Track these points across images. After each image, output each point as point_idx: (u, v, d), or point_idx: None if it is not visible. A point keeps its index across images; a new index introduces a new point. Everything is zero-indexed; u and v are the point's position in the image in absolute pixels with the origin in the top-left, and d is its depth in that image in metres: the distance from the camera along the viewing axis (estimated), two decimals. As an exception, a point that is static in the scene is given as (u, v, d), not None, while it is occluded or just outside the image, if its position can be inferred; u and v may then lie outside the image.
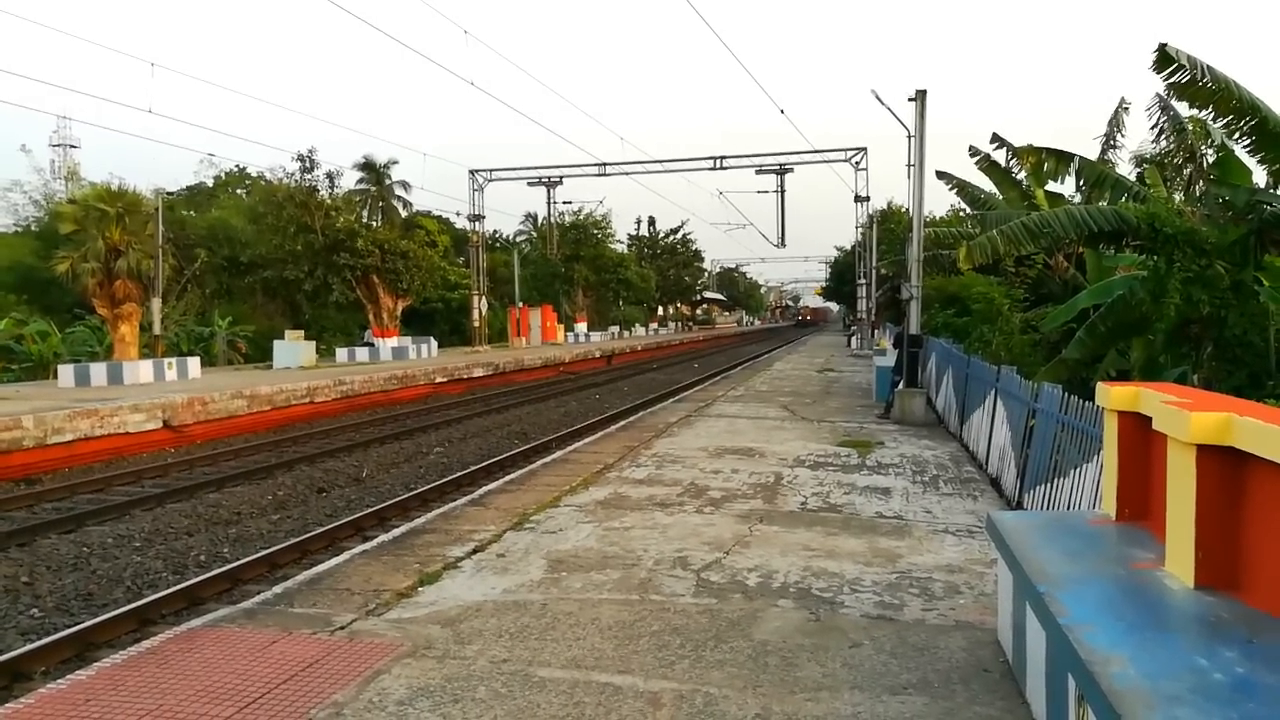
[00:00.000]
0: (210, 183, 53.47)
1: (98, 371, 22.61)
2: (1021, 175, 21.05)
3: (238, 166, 52.60)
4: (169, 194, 42.89)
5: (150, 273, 26.63)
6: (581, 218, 59.16)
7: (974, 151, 22.26)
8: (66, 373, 22.54)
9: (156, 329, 27.29)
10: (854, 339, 46.72)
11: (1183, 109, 13.67)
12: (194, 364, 25.65)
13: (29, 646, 6.65)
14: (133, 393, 19.59)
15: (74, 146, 62.91)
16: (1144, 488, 4.42)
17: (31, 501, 12.18)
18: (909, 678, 4.53)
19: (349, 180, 45.50)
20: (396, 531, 7.96)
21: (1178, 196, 16.40)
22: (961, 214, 29.71)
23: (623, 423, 15.96)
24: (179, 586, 8.08)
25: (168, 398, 18.08)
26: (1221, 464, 3.38)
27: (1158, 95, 14.12)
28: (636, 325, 74.42)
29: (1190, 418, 3.39)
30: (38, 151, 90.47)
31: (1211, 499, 3.41)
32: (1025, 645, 4.20)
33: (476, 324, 42.61)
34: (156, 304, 26.94)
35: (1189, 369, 12.34)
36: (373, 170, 47.16)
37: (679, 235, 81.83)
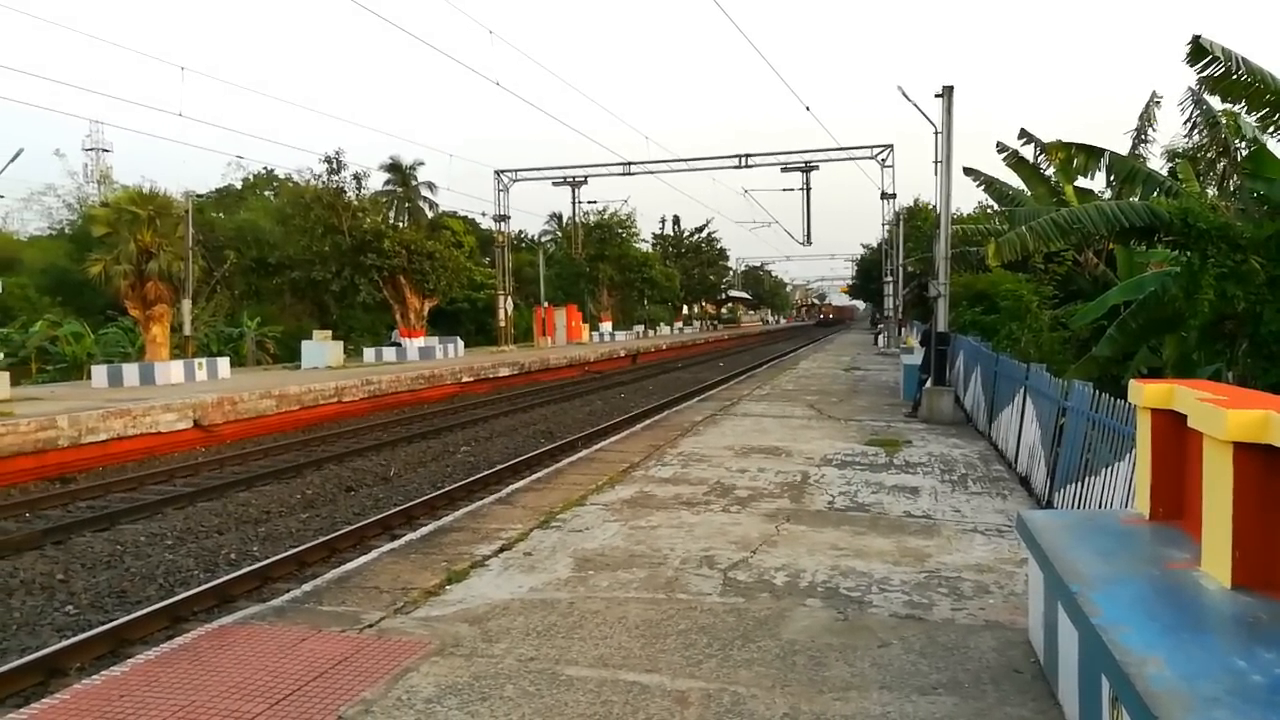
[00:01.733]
0: (239, 185, 54.12)
1: (130, 372, 22.95)
2: (1050, 171, 20.83)
3: (265, 169, 53.26)
4: (198, 196, 43.53)
5: (181, 274, 26.95)
6: (606, 217, 59.22)
7: (1001, 147, 22.06)
8: (100, 373, 22.91)
9: (187, 330, 27.63)
10: (881, 337, 46.43)
11: (1216, 103, 13.48)
12: (224, 364, 25.99)
13: (64, 643, 6.76)
14: (164, 393, 19.85)
15: (106, 150, 64.17)
16: (1178, 486, 4.35)
17: (66, 500, 12.38)
18: (938, 678, 4.49)
19: (375, 181, 45.84)
20: (424, 530, 7.99)
21: (1211, 191, 16.17)
22: (989, 211, 29.47)
23: (648, 422, 15.95)
24: (210, 584, 8.19)
25: (198, 398, 18.31)
26: (1260, 462, 3.31)
27: (1190, 89, 13.95)
28: (661, 324, 74.40)
29: (1227, 415, 3.32)
30: (71, 156, 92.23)
31: (1249, 497, 3.35)
32: (1057, 645, 4.15)
33: (502, 324, 42.77)
34: (187, 305, 27.27)
35: (1223, 366, 12.16)
36: (399, 171, 47.43)
37: (704, 234, 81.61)
